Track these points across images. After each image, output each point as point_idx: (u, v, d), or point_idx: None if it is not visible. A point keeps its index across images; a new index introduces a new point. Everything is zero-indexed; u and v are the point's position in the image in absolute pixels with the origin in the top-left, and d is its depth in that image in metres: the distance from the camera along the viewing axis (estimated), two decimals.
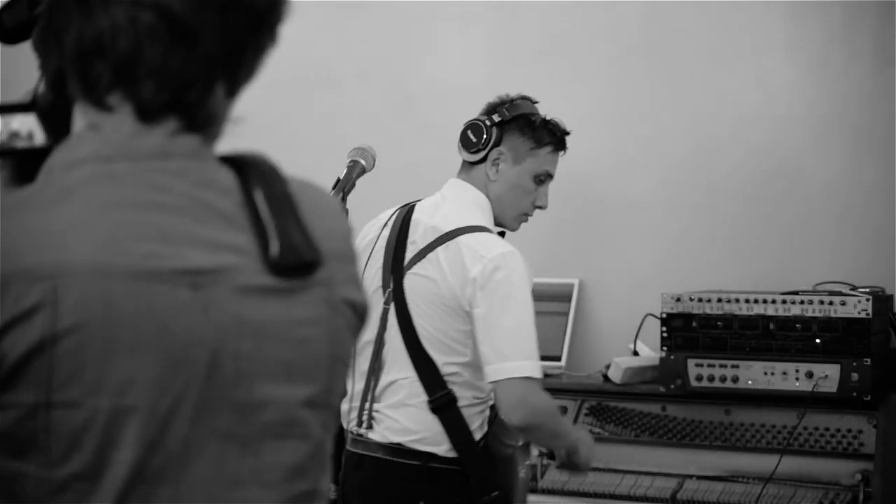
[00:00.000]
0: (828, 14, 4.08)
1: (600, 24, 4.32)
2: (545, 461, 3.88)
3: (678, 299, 3.74)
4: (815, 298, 3.61)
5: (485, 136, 3.05)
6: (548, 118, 3.12)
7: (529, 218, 3.16)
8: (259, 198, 1.31)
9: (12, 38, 1.64)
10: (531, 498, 3.86)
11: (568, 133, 3.15)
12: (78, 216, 1.24)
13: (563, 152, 3.16)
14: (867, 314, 3.55)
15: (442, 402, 2.89)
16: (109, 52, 1.28)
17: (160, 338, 1.23)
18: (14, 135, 1.47)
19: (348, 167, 2.99)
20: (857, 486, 3.58)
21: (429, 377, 2.91)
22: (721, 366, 3.68)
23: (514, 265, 2.87)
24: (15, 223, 1.23)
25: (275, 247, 1.29)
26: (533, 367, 2.82)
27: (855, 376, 3.53)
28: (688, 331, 3.72)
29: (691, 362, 3.70)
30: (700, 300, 3.72)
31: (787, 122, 4.12)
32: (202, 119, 1.31)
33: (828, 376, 3.56)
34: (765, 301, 3.65)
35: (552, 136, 3.11)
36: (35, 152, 1.45)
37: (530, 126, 3.08)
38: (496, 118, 3.07)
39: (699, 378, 3.69)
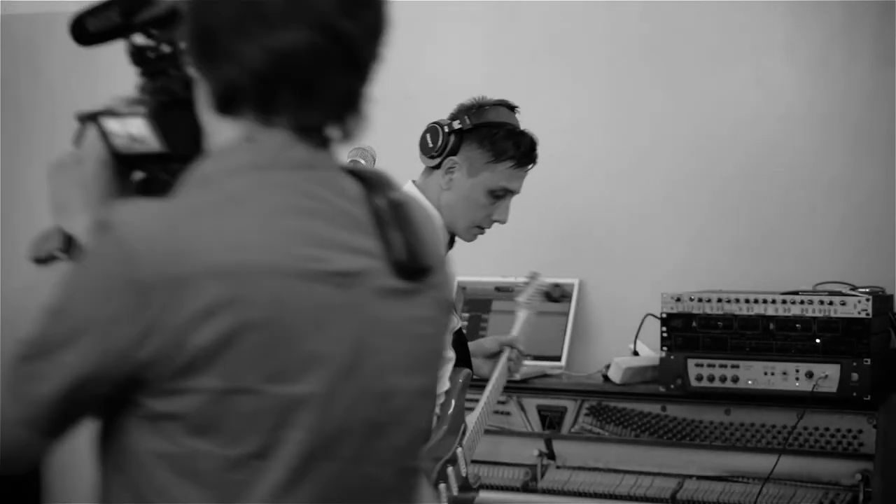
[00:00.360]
0: (828, 14, 4.08)
1: (600, 24, 4.32)
2: (544, 461, 3.88)
3: (678, 299, 3.74)
4: (815, 298, 3.61)
5: (440, 143, 2.93)
6: (517, 130, 2.93)
7: (488, 230, 3.01)
8: (382, 206, 1.46)
9: (90, 41, 1.67)
10: (531, 498, 3.86)
11: (535, 147, 2.95)
12: (251, 221, 1.37)
13: (531, 166, 2.96)
14: (867, 314, 3.55)
15: None
16: (290, 75, 1.39)
17: (321, 333, 1.38)
18: (133, 139, 1.54)
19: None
20: (857, 486, 3.58)
21: None
22: (721, 366, 3.68)
23: None
24: (193, 226, 1.36)
25: (401, 252, 1.45)
26: None
27: (855, 376, 3.53)
28: (688, 331, 3.72)
29: (691, 362, 3.70)
30: (700, 300, 3.71)
31: (788, 122, 4.12)
32: (345, 134, 1.47)
33: (828, 376, 3.56)
34: (765, 301, 3.65)
35: (515, 151, 2.91)
36: (151, 157, 1.54)
37: (491, 138, 2.90)
38: (456, 125, 2.92)
39: (699, 378, 3.69)
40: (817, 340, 3.59)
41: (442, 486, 2.93)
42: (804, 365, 3.59)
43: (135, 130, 1.53)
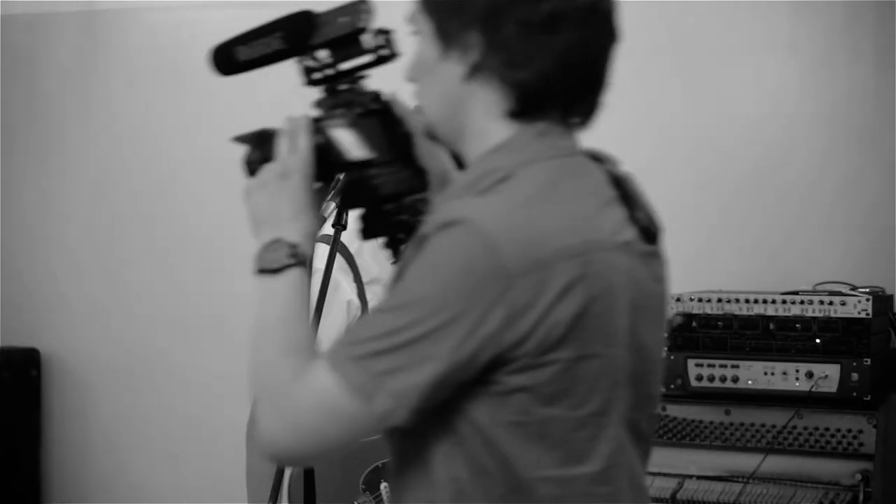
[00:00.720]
0: (830, 14, 4.07)
1: None
2: None
3: (678, 299, 3.74)
4: (815, 298, 3.61)
5: None
6: None
7: None
8: (619, 181, 1.62)
9: (237, 70, 1.66)
10: None
11: None
12: (571, 205, 1.52)
13: None
14: (867, 314, 3.55)
15: None
16: (592, 74, 1.59)
17: (624, 297, 1.53)
18: (351, 146, 1.62)
19: None
20: (857, 486, 3.58)
21: None
22: (721, 366, 3.67)
23: None
24: (536, 215, 1.48)
25: (645, 219, 1.61)
26: None
27: (855, 376, 3.53)
28: (688, 331, 3.72)
29: (691, 362, 3.70)
30: (700, 300, 3.71)
31: (789, 123, 4.12)
32: (587, 123, 1.62)
33: (828, 376, 3.56)
34: (765, 301, 3.65)
35: None
36: (358, 164, 1.62)
37: None
38: None
39: (699, 378, 3.69)
40: (817, 340, 3.58)
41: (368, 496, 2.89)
42: (804, 365, 3.59)
43: (349, 139, 1.59)
